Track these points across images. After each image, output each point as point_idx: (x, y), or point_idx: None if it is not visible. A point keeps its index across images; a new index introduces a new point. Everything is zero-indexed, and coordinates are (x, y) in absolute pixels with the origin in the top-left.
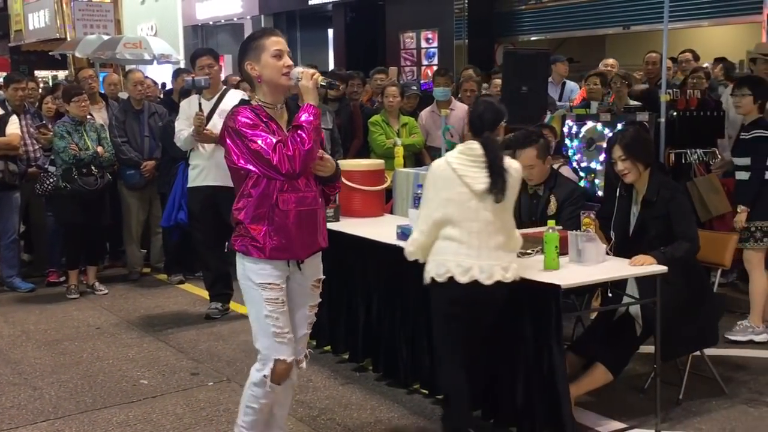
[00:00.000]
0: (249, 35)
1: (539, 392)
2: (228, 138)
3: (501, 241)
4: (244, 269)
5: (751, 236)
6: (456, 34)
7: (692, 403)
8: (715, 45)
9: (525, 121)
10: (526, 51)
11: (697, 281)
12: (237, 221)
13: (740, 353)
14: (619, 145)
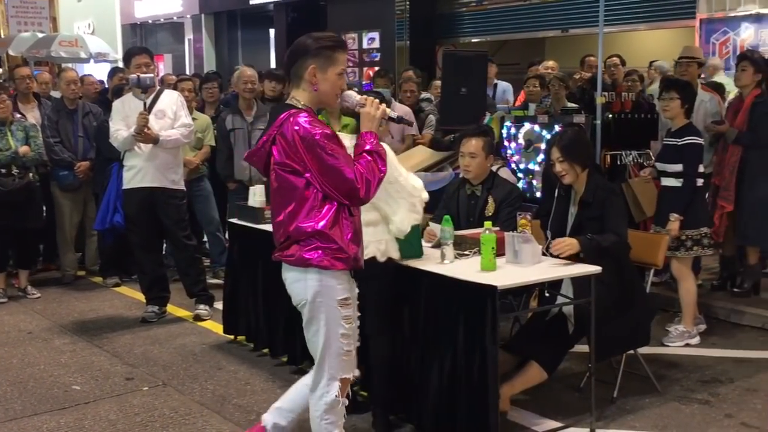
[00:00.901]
0: (319, 36)
1: (468, 394)
2: (287, 144)
3: (372, 218)
4: (320, 285)
5: (682, 245)
6: (398, 36)
7: (626, 401)
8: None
9: (464, 122)
10: (465, 53)
11: (630, 281)
12: (310, 233)
13: (673, 351)
14: (558, 146)
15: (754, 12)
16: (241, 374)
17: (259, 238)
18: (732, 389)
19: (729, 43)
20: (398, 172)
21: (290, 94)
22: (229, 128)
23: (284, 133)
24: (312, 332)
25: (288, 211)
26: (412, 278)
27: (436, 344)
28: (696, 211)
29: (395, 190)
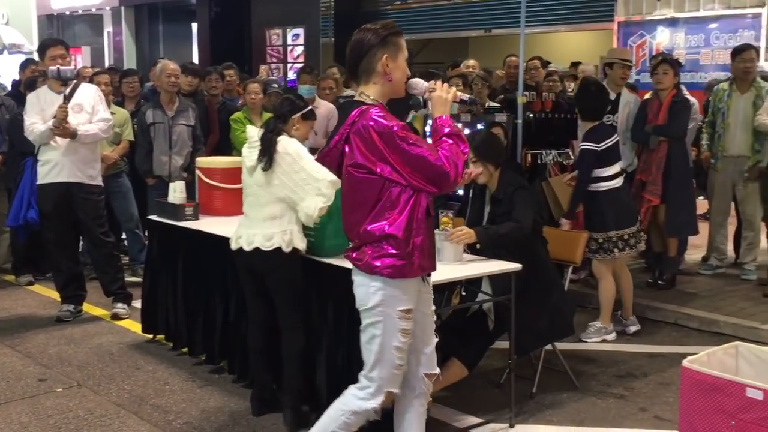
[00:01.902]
0: (382, 25)
1: None
2: (363, 141)
3: (270, 211)
4: (383, 295)
5: (600, 248)
6: (322, 32)
7: (545, 397)
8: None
9: None
10: None
11: (548, 278)
12: (380, 236)
13: (590, 347)
14: (470, 148)
15: (669, 16)
16: (160, 374)
17: (178, 236)
18: (646, 383)
19: (645, 45)
20: (302, 159)
21: (357, 91)
22: (149, 122)
23: (359, 131)
24: (367, 338)
25: (361, 211)
26: (336, 276)
27: (359, 342)
28: (600, 214)
29: (301, 178)
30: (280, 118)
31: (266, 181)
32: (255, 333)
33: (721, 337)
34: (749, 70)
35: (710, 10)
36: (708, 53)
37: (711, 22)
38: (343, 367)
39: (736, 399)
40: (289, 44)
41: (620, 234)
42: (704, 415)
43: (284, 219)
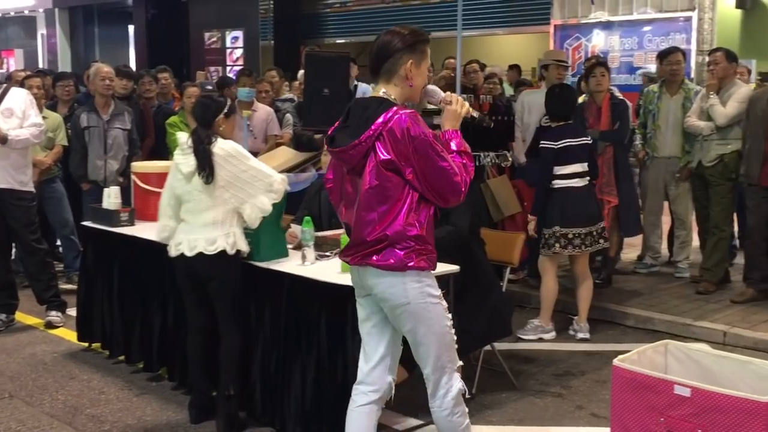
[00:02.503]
0: (412, 31)
1: (329, 393)
2: (395, 141)
3: (212, 217)
4: (422, 286)
5: (545, 243)
6: (261, 35)
7: (484, 397)
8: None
9: (327, 122)
10: (327, 54)
11: (486, 279)
12: (411, 236)
13: (529, 347)
14: None
15: (604, 19)
16: (95, 383)
17: (114, 242)
18: (583, 381)
19: (581, 48)
20: (248, 158)
21: (378, 89)
22: (84, 126)
23: (393, 130)
24: (422, 334)
25: (382, 210)
26: (273, 280)
27: (298, 346)
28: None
29: (250, 176)
30: (205, 125)
31: (209, 185)
32: (194, 340)
33: (656, 334)
34: (676, 72)
35: (643, 13)
36: (641, 56)
37: (644, 25)
38: (278, 374)
39: (665, 396)
40: (228, 47)
41: (564, 232)
42: (635, 413)
43: (226, 223)
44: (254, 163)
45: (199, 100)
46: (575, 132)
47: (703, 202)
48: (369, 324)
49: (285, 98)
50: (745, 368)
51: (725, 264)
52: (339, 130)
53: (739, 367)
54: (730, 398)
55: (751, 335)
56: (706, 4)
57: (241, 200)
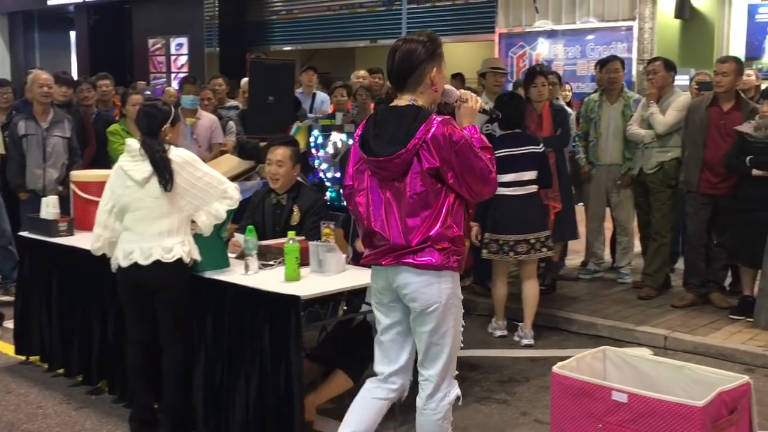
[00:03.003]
0: (428, 37)
1: (273, 402)
2: (439, 148)
3: (167, 225)
4: (453, 288)
5: (483, 247)
6: (207, 42)
7: None
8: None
9: (271, 130)
10: (273, 61)
11: None
12: (451, 237)
13: (473, 353)
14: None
15: (548, 28)
16: (33, 397)
17: (52, 252)
18: (527, 388)
19: (525, 56)
20: (203, 165)
21: (404, 97)
22: (22, 134)
23: (436, 137)
24: (440, 335)
25: (425, 215)
26: (215, 290)
27: (242, 356)
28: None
29: (205, 182)
30: (153, 134)
31: (163, 192)
32: (135, 352)
33: (600, 339)
34: (615, 80)
35: (586, 22)
36: (584, 64)
37: (587, 34)
38: (222, 384)
39: (603, 402)
40: (172, 54)
41: (495, 237)
42: (574, 419)
43: (181, 231)
44: (208, 170)
45: (144, 109)
46: (524, 140)
47: (645, 209)
48: (394, 331)
49: (230, 106)
50: (680, 373)
51: (666, 269)
52: (372, 140)
53: (675, 372)
54: (665, 403)
55: (690, 339)
56: (647, 14)
57: (197, 207)
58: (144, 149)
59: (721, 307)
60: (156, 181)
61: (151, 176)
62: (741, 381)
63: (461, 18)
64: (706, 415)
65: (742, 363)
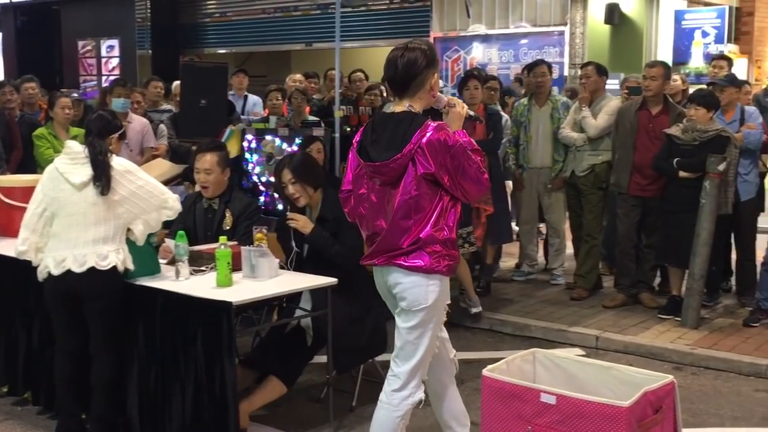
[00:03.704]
0: (427, 42)
1: (209, 410)
2: (434, 153)
3: (102, 232)
4: (440, 291)
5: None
6: (139, 44)
7: (365, 409)
8: None
9: (204, 134)
10: (205, 64)
11: (368, 293)
12: (442, 239)
13: None
14: (288, 169)
15: (482, 33)
16: None
17: None
18: (462, 390)
19: (460, 60)
20: (143, 174)
21: (402, 103)
22: None
23: (432, 143)
24: (418, 335)
25: (417, 218)
26: (146, 297)
27: (175, 364)
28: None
29: (146, 191)
30: (100, 136)
31: (101, 198)
32: (63, 362)
33: (533, 340)
34: (542, 84)
35: (519, 27)
36: (518, 68)
37: (520, 38)
38: (156, 394)
39: (532, 404)
40: (103, 56)
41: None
42: (504, 422)
43: (116, 238)
44: (149, 180)
45: (100, 114)
46: None
47: (577, 211)
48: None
49: (163, 109)
50: (608, 374)
51: (598, 270)
52: (370, 145)
53: (603, 372)
54: (592, 404)
55: (621, 339)
56: (578, 20)
57: (135, 216)
58: (88, 149)
59: (650, 306)
60: (96, 188)
61: (90, 181)
62: (665, 380)
63: (396, 22)
64: (631, 415)
65: (670, 361)
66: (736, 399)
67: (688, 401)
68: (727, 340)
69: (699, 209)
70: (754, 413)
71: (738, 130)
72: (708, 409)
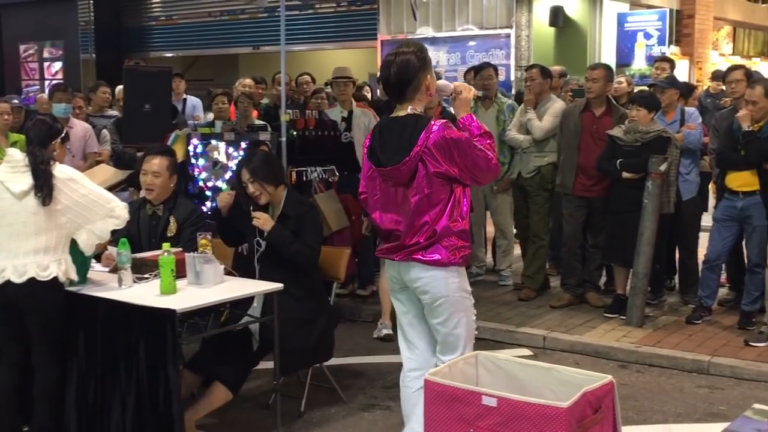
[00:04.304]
0: (417, 44)
1: (152, 421)
2: (442, 152)
3: (43, 242)
4: (459, 281)
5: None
6: (83, 48)
7: (313, 414)
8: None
9: (149, 139)
10: (148, 68)
11: (318, 298)
12: (457, 231)
13: (358, 360)
14: (247, 168)
15: (430, 35)
16: None
17: None
18: None
19: None
20: (88, 182)
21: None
22: None
23: (438, 141)
24: (453, 325)
25: (433, 213)
26: (87, 305)
27: (117, 374)
28: None
29: (90, 200)
30: (42, 143)
31: (42, 208)
32: (8, 373)
33: (482, 341)
34: (488, 87)
35: (466, 30)
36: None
37: (468, 41)
38: (96, 404)
39: (474, 407)
40: (45, 60)
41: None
42: (446, 425)
43: (59, 249)
44: (94, 187)
45: (39, 119)
46: None
47: (524, 212)
48: (410, 315)
49: (110, 114)
50: (549, 375)
51: (545, 271)
52: (380, 150)
53: (544, 374)
54: (532, 405)
55: (567, 338)
56: (523, 22)
57: (78, 225)
58: (29, 158)
59: (596, 306)
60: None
61: (31, 189)
62: (605, 380)
63: (343, 25)
64: (571, 415)
65: (616, 360)
66: (680, 396)
67: (632, 399)
68: (670, 338)
69: (642, 209)
70: (696, 409)
71: (678, 131)
72: (652, 406)
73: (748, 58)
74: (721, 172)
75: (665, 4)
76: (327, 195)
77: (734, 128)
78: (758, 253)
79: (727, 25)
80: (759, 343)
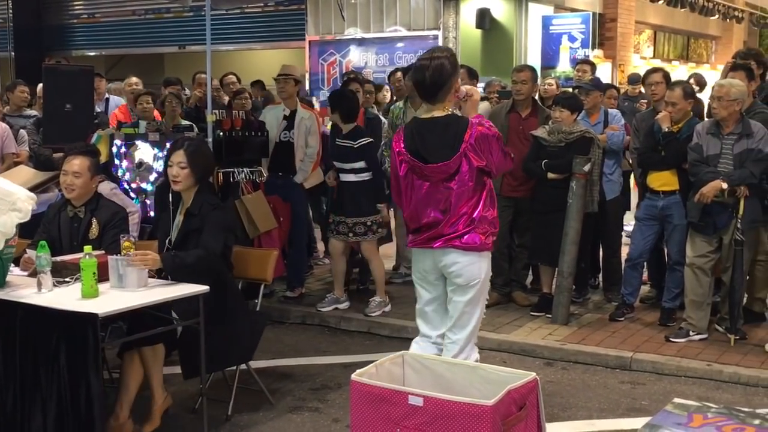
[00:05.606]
0: (449, 49)
1: (75, 426)
2: (483, 148)
3: None
4: (488, 266)
5: (368, 230)
6: (1, 46)
7: (241, 418)
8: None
9: (70, 139)
10: (68, 67)
11: (235, 301)
12: (491, 219)
13: (286, 362)
14: (184, 150)
15: (359, 36)
16: None
17: None
18: (340, 394)
19: (336, 64)
20: None
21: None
22: None
23: (479, 138)
24: (471, 306)
25: (472, 202)
26: (5, 311)
27: (38, 381)
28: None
29: None
30: None
31: None
32: None
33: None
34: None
35: (394, 31)
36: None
37: (396, 42)
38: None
39: (400, 407)
40: None
41: (335, 219)
42: (373, 425)
43: None
44: None
45: None
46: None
47: None
48: (435, 303)
49: (29, 114)
50: (474, 374)
51: None
52: (422, 149)
53: (470, 372)
54: (458, 404)
55: (495, 337)
56: (450, 24)
57: None
58: None
59: (523, 305)
60: None
61: None
62: (528, 378)
63: (271, 25)
64: (496, 413)
65: (542, 357)
66: (603, 392)
67: (558, 395)
68: (594, 335)
69: (567, 209)
70: (619, 404)
71: (602, 132)
72: (577, 403)
73: (668, 61)
74: (643, 171)
75: (589, 8)
76: (254, 196)
77: (654, 129)
78: (678, 251)
79: (648, 28)
80: (679, 339)
